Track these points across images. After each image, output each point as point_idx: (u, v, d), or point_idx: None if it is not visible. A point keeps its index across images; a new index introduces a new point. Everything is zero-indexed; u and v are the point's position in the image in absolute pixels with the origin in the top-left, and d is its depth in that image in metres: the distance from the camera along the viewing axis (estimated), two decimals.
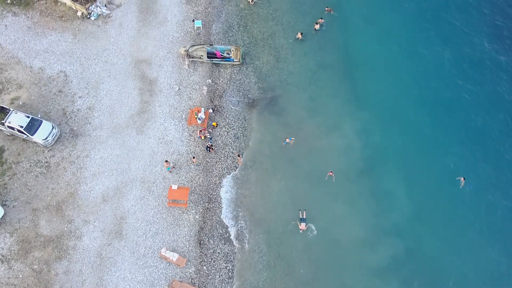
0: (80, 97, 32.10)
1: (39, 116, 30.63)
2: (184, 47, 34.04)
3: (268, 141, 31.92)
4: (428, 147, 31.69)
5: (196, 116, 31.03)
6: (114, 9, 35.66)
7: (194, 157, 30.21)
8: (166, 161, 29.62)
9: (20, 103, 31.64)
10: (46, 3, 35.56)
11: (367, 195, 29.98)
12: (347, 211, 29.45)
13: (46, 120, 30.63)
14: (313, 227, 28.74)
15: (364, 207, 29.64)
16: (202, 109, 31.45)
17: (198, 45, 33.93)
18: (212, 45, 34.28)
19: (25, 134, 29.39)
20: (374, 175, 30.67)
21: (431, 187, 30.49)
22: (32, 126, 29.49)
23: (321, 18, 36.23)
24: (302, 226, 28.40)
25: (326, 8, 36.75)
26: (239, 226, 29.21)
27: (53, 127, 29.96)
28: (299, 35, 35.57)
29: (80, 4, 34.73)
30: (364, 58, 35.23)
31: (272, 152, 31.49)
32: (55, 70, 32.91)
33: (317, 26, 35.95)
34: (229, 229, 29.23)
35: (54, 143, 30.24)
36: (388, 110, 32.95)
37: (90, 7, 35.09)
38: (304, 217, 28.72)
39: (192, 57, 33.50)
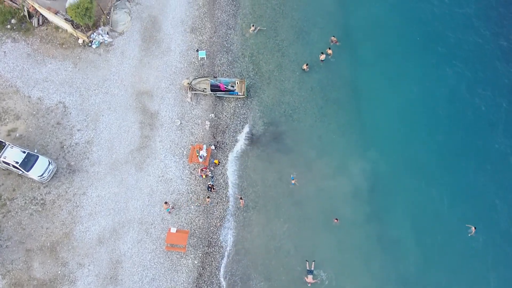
0: (78, 130, 31.12)
1: (35, 151, 29.65)
2: (187, 78, 33.01)
3: (272, 180, 30.74)
4: (439, 192, 30.38)
5: (197, 154, 29.94)
6: (116, 37, 34.69)
7: (208, 197, 29.10)
8: (166, 202, 28.52)
9: (17, 135, 30.71)
10: (47, 29, 34.66)
11: (375, 242, 28.72)
12: (354, 260, 28.23)
13: (43, 155, 29.69)
14: (324, 277, 27.39)
15: (371, 256, 28.40)
16: (204, 146, 30.34)
17: (201, 77, 32.87)
18: (216, 77, 33.20)
19: (21, 170, 28.45)
20: (382, 221, 29.41)
21: (440, 234, 29.21)
22: (28, 162, 28.55)
23: (329, 49, 35.02)
24: (310, 279, 27.04)
25: (332, 38, 35.54)
26: (239, 272, 28.03)
27: (49, 163, 28.98)
28: (304, 67, 34.41)
29: (81, 31, 33.79)
30: (372, 93, 33.93)
31: (275, 193, 30.32)
32: (54, 101, 31.96)
33: (322, 57, 34.72)
34: (229, 276, 28.05)
35: (50, 179, 29.25)
36: (397, 150, 31.66)
37: (92, 35, 34.16)
38: (312, 268, 27.37)
39: (195, 90, 32.43)
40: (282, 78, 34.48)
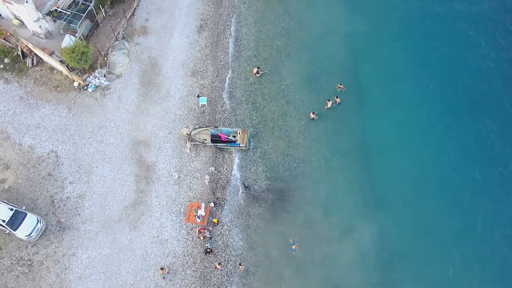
0: (70, 183, 29.42)
1: (24, 207, 27.89)
2: (187, 127, 31.28)
3: (275, 242, 28.93)
4: (452, 259, 28.43)
5: (195, 214, 28.13)
6: (113, 80, 33.04)
7: (220, 264, 27.50)
8: (162, 268, 26.74)
9: (6, 187, 29.07)
10: (41, 70, 33.07)
11: None
12: None
13: (32, 210, 28.07)
14: None
15: None
16: (203, 204, 28.56)
17: (201, 127, 31.11)
18: (217, 127, 31.46)
19: (7, 229, 26.80)
20: None
21: None
22: (16, 220, 26.97)
23: (337, 97, 33.16)
24: None
25: (339, 86, 33.65)
26: None
27: (38, 221, 27.31)
28: (312, 115, 32.54)
29: (77, 74, 32.14)
30: (382, 145, 32.10)
31: (278, 257, 28.49)
32: (46, 149, 30.30)
33: (329, 104, 32.83)
34: None
35: (38, 238, 27.54)
36: (407, 210, 29.75)
37: (88, 78, 32.49)
38: None
39: (195, 141, 30.66)
40: (287, 127, 32.68)
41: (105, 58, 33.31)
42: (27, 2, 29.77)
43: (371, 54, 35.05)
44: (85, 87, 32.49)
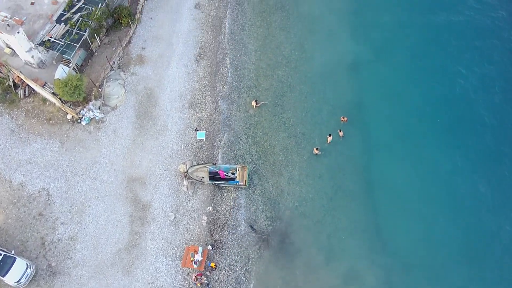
0: (62, 223, 28.20)
1: (13, 252, 26.69)
2: (184, 164, 30.08)
3: None
4: None
5: (192, 258, 26.88)
6: (108, 112, 31.84)
7: None
8: None
9: None
10: (33, 101, 31.90)
11: None
12: None
13: (21, 253, 26.86)
14: None
15: None
16: (200, 248, 27.31)
17: (199, 164, 29.89)
18: (215, 163, 30.24)
19: None
20: None
21: None
22: (4, 265, 25.80)
23: (340, 130, 31.97)
24: None
25: (342, 118, 32.42)
26: None
27: (27, 266, 26.06)
28: (315, 151, 31.27)
29: (70, 107, 30.93)
30: (387, 182, 30.85)
31: None
32: (37, 187, 29.09)
33: (330, 139, 31.58)
34: None
35: (28, 283, 26.31)
36: (415, 254, 28.47)
37: (82, 111, 31.28)
38: None
39: (192, 179, 29.42)
40: (288, 163, 31.44)
41: (100, 90, 32.13)
42: (18, 32, 28.59)
43: (375, 85, 33.89)
44: (79, 120, 31.30)
